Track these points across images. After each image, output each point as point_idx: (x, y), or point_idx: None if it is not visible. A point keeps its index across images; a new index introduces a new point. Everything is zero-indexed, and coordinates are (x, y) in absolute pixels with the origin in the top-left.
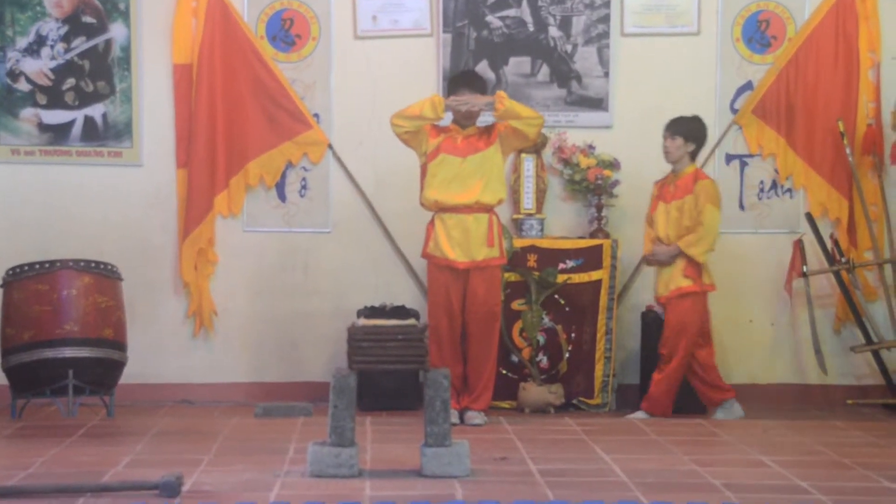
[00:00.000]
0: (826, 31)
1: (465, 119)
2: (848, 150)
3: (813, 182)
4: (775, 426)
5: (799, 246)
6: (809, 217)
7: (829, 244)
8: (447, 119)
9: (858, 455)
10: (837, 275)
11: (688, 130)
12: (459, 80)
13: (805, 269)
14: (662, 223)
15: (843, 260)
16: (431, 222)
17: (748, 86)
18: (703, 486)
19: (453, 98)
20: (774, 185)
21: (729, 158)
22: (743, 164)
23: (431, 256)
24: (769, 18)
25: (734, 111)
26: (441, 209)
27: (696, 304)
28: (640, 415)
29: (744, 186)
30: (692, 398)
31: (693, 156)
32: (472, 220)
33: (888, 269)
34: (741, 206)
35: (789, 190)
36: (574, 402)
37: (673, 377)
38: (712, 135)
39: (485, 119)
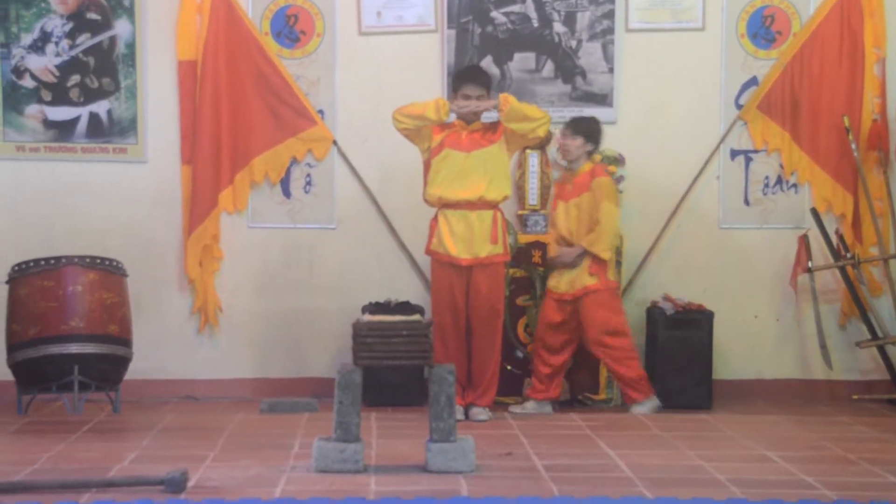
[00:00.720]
0: (831, 26)
1: (470, 118)
2: (853, 146)
3: (818, 177)
4: (781, 421)
5: (804, 241)
6: (814, 212)
7: (834, 239)
8: (453, 115)
9: (864, 450)
10: (843, 270)
11: (589, 131)
12: (464, 75)
13: (810, 264)
14: (563, 222)
15: (849, 255)
16: (435, 218)
17: (753, 81)
18: (709, 481)
19: (458, 103)
20: (779, 180)
21: (734, 154)
22: (748, 160)
23: (435, 253)
24: (774, 14)
25: (739, 107)
26: (444, 205)
27: (605, 299)
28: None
29: (748, 182)
30: (696, 394)
31: (589, 155)
32: (476, 217)
33: (893, 264)
34: (746, 202)
35: (794, 185)
36: (579, 397)
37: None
38: (717, 130)
39: (490, 115)
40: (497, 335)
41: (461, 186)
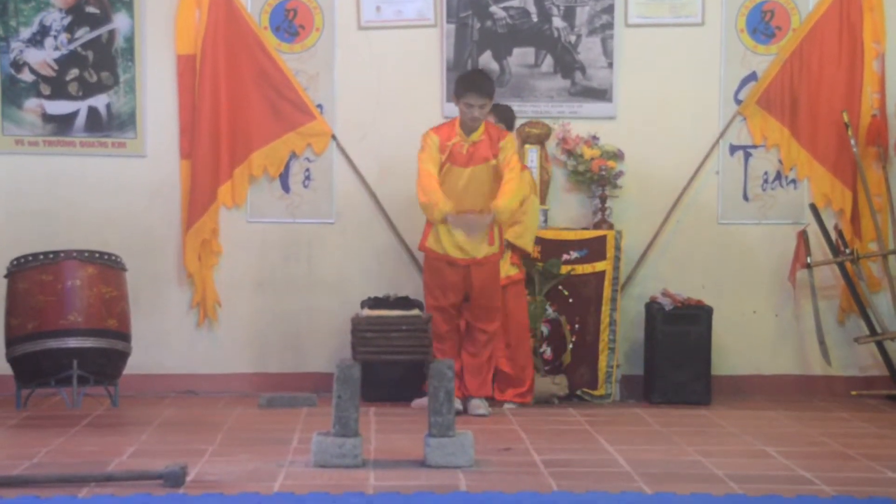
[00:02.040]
0: (830, 21)
1: (471, 122)
2: (852, 141)
3: (817, 173)
4: (779, 417)
5: (803, 237)
6: (813, 208)
7: (833, 235)
8: (450, 111)
9: (862, 446)
10: (841, 266)
11: (507, 119)
12: (468, 82)
13: (809, 259)
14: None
15: (847, 251)
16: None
17: (752, 76)
18: (707, 476)
19: (453, 218)
20: (778, 175)
21: (733, 149)
22: (747, 155)
23: (430, 250)
24: (773, 9)
25: (738, 102)
26: None
27: (523, 291)
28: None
29: (748, 177)
30: (695, 389)
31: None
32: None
33: (892, 259)
34: (745, 197)
35: (793, 181)
36: (578, 392)
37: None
38: (716, 126)
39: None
40: (497, 326)
41: (461, 202)
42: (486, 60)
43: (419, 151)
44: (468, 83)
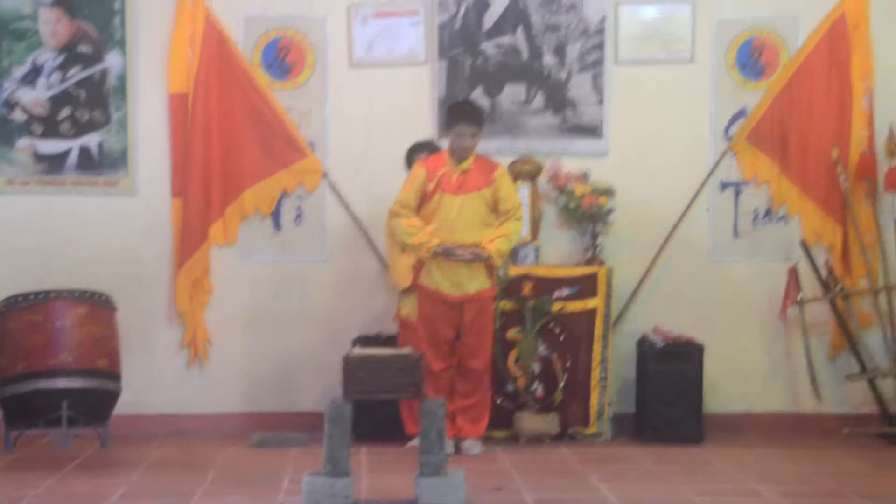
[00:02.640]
0: (819, 58)
1: (462, 151)
2: (842, 177)
3: (807, 209)
4: (771, 455)
5: (793, 273)
6: (804, 244)
7: (823, 272)
8: (443, 145)
9: (855, 484)
10: (832, 302)
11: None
12: (457, 112)
13: (800, 296)
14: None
15: (838, 288)
16: None
17: (742, 112)
18: None
19: (444, 250)
20: (769, 212)
21: (723, 186)
22: (737, 192)
23: (423, 287)
24: (763, 45)
25: (728, 138)
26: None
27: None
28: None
29: (738, 214)
30: (688, 427)
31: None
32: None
33: (882, 296)
34: (735, 234)
35: (784, 217)
36: (570, 431)
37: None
38: (706, 162)
39: (489, 148)
40: (485, 364)
41: (454, 235)
42: (478, 97)
43: (404, 182)
44: (458, 112)
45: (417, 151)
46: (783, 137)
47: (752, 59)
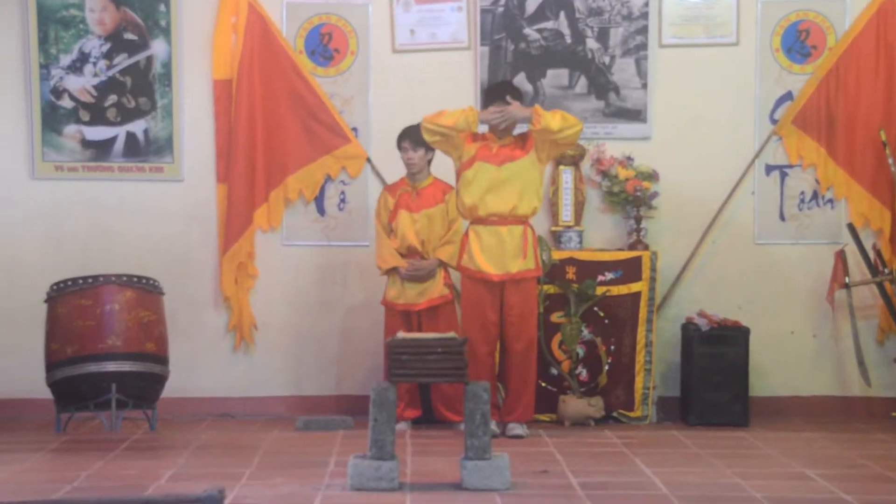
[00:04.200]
0: (867, 39)
1: (501, 132)
2: (890, 160)
3: (854, 192)
4: (818, 439)
5: (841, 256)
6: (851, 227)
7: (871, 255)
8: (483, 128)
9: None
10: (880, 286)
11: (423, 140)
12: (496, 91)
13: (847, 279)
14: (412, 232)
15: (886, 271)
16: (466, 234)
17: (788, 96)
18: (745, 499)
19: (488, 111)
20: (815, 195)
21: (769, 169)
22: (783, 175)
23: (465, 269)
24: (809, 28)
25: (774, 122)
26: (475, 220)
27: (454, 311)
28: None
29: (784, 197)
30: (733, 411)
31: (429, 164)
32: (506, 232)
33: None
34: (782, 217)
35: (830, 200)
36: (614, 414)
37: None
38: (751, 145)
39: (521, 128)
40: (533, 354)
41: (493, 199)
42: (520, 82)
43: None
44: (496, 91)
45: (401, 138)
46: (830, 120)
47: (797, 42)
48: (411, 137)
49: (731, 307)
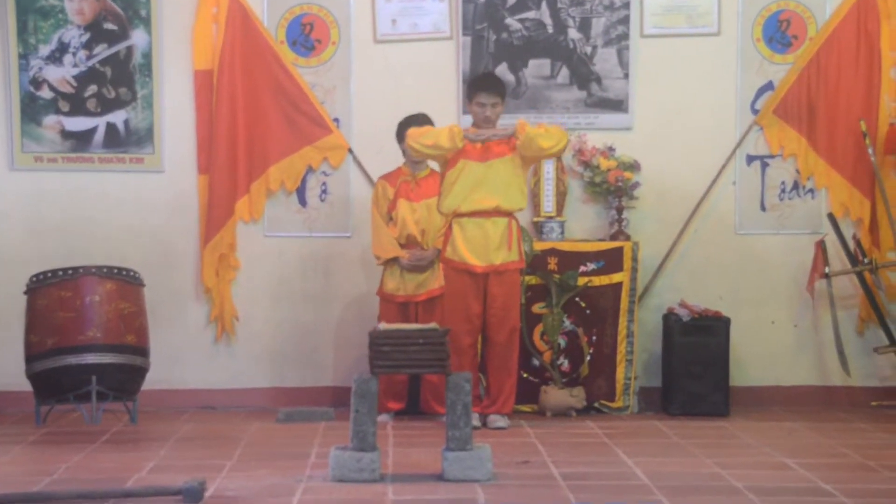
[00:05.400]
0: (847, 30)
1: (484, 123)
2: (870, 150)
3: (835, 182)
4: (799, 428)
5: (821, 246)
6: (831, 217)
7: (851, 244)
8: (467, 122)
9: (883, 457)
10: (860, 275)
11: None
12: (479, 83)
13: (827, 269)
14: (412, 222)
15: (866, 260)
16: (449, 227)
17: (769, 86)
18: (726, 489)
19: (472, 131)
20: (796, 185)
21: (750, 159)
22: (764, 165)
23: (449, 261)
24: (790, 18)
25: (755, 111)
26: (459, 214)
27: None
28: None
29: (765, 187)
30: (714, 400)
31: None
32: (491, 224)
33: None
34: (762, 207)
35: (811, 190)
36: (596, 405)
37: None
38: (733, 135)
39: (503, 122)
40: (515, 345)
41: (477, 197)
42: (502, 72)
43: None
44: (479, 83)
45: (409, 125)
46: (810, 110)
47: (778, 31)
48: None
49: (712, 297)
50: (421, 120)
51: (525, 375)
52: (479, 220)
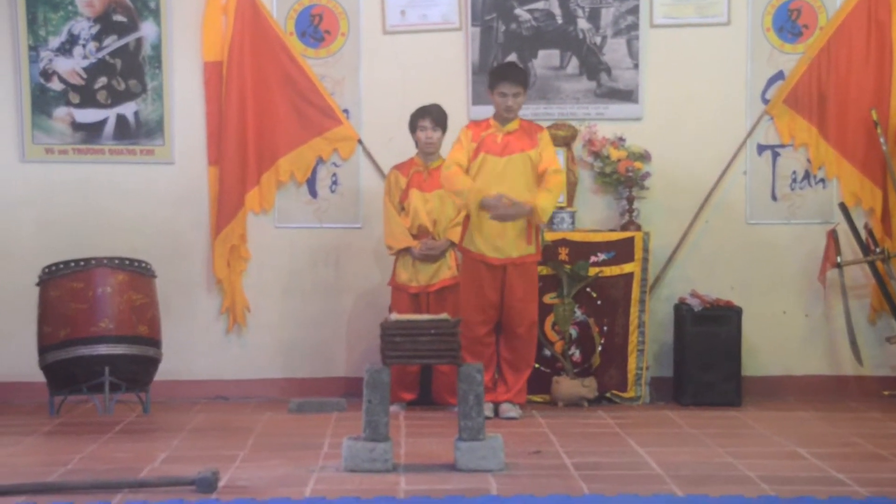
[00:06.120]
0: (858, 19)
1: (506, 112)
2: (881, 139)
3: (846, 172)
4: (811, 418)
5: (833, 236)
6: (843, 207)
7: (863, 234)
8: (488, 112)
9: (895, 446)
10: (872, 265)
11: (444, 122)
12: (501, 73)
13: (839, 259)
14: (424, 212)
15: (878, 250)
16: (468, 215)
17: (779, 76)
18: (739, 478)
19: (491, 202)
20: (807, 175)
21: (761, 149)
22: (775, 155)
23: (466, 250)
24: (800, 7)
25: (765, 101)
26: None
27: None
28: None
29: (776, 177)
30: (726, 390)
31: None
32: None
33: None
34: (773, 197)
35: (822, 180)
36: (607, 395)
37: None
38: (743, 125)
39: (524, 113)
40: (534, 338)
41: (497, 191)
42: None
43: (454, 142)
44: (501, 73)
45: (421, 116)
46: (821, 100)
47: (789, 21)
48: (432, 116)
49: (723, 287)
50: (435, 111)
51: (537, 366)
52: None
